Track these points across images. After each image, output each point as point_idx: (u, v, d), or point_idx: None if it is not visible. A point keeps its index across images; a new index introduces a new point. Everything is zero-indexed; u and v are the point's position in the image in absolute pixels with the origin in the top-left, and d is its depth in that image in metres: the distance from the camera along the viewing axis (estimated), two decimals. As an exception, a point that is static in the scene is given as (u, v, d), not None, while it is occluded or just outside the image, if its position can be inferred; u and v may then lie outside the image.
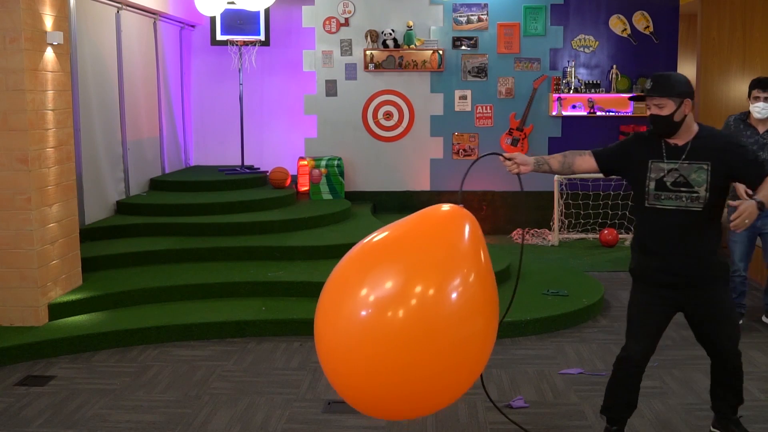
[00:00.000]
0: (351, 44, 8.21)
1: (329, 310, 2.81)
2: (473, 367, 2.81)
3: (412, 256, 2.77)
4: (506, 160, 3.42)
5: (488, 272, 2.87)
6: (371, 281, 2.73)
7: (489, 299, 2.81)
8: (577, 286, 5.78)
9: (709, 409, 3.88)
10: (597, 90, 8.16)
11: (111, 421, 3.81)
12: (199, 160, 9.18)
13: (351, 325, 2.67)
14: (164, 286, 5.43)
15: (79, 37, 6.27)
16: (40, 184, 4.89)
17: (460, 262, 2.78)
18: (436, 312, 2.63)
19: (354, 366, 2.72)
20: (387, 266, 2.76)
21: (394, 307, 2.62)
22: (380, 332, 2.61)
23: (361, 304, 2.67)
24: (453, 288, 2.68)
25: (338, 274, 2.90)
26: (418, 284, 2.66)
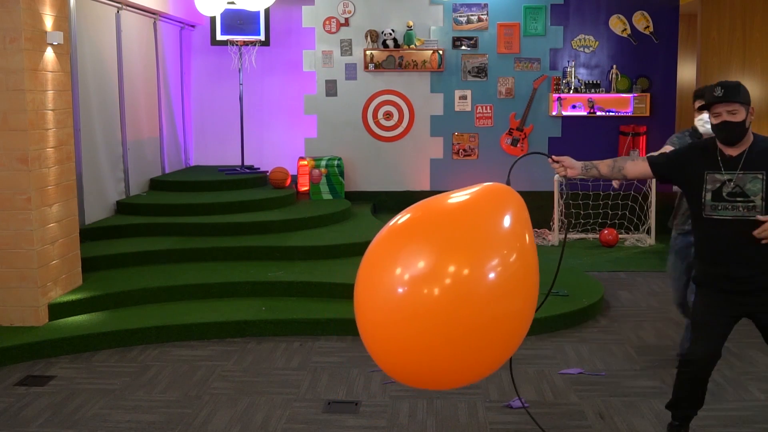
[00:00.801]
0: (351, 44, 8.21)
1: (369, 281, 2.79)
2: (508, 343, 2.83)
3: (453, 232, 2.75)
4: (554, 162, 3.43)
5: (531, 254, 2.89)
6: (409, 256, 2.71)
7: (529, 280, 2.83)
8: (577, 286, 5.78)
9: (709, 409, 3.88)
10: (597, 90, 8.16)
11: (111, 421, 3.81)
12: (199, 160, 9.18)
13: (390, 298, 2.68)
14: (164, 286, 5.43)
15: (79, 37, 6.27)
16: (40, 184, 4.89)
17: (503, 240, 2.82)
18: (474, 288, 2.65)
19: (393, 337, 2.72)
20: (427, 241, 2.74)
21: (432, 282, 2.62)
22: (418, 306, 2.62)
23: (399, 279, 2.66)
24: (492, 266, 2.70)
25: (382, 244, 2.83)
26: (457, 260, 2.67)
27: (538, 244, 7.76)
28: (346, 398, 4.07)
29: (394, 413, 3.87)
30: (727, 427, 3.68)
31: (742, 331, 5.05)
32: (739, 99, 3.19)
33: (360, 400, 4.03)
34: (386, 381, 4.27)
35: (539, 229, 8.22)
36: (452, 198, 2.94)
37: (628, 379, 4.22)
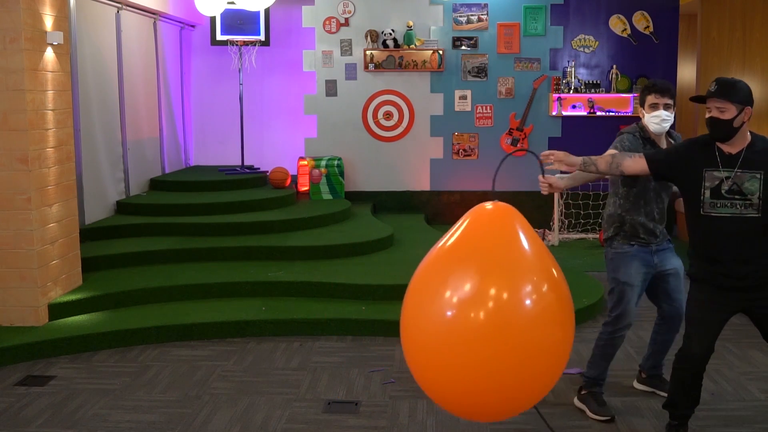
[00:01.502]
0: (351, 44, 8.21)
1: (414, 314, 2.94)
2: (550, 374, 2.92)
3: (487, 262, 2.87)
4: (544, 160, 3.47)
5: (562, 281, 3.04)
6: (451, 287, 2.83)
7: (565, 308, 2.96)
8: (577, 286, 5.77)
9: (709, 409, 3.88)
10: (597, 90, 8.16)
11: (111, 421, 3.81)
12: (199, 160, 9.18)
13: (435, 329, 2.81)
14: (164, 286, 5.43)
15: (79, 37, 6.27)
16: (40, 184, 4.89)
17: (532, 267, 2.94)
18: (514, 318, 2.77)
19: (438, 367, 2.86)
20: (463, 274, 2.86)
21: (475, 311, 2.75)
22: (461, 336, 2.74)
23: (445, 307, 2.79)
24: (528, 293, 2.83)
25: (419, 280, 3.00)
26: (496, 289, 2.80)
27: (538, 244, 7.78)
28: (346, 398, 4.07)
29: (394, 413, 3.87)
30: (727, 427, 3.68)
31: (742, 331, 5.06)
32: (730, 97, 3.16)
33: (360, 400, 4.03)
34: (386, 381, 4.27)
35: (539, 229, 8.22)
36: (463, 234, 3.02)
37: (628, 379, 4.22)
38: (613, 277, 3.83)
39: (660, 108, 3.71)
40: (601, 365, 3.84)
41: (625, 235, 3.78)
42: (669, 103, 3.71)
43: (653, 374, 4.08)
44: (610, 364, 3.86)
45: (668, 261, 3.84)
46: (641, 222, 3.73)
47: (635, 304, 3.81)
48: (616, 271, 3.80)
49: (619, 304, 3.79)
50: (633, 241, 3.76)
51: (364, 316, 5.09)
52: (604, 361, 3.84)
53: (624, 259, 3.77)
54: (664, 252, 3.83)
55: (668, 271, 3.83)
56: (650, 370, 4.09)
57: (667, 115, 3.72)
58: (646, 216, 3.74)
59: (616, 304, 3.80)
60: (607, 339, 3.83)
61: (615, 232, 3.81)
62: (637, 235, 3.75)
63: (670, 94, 3.72)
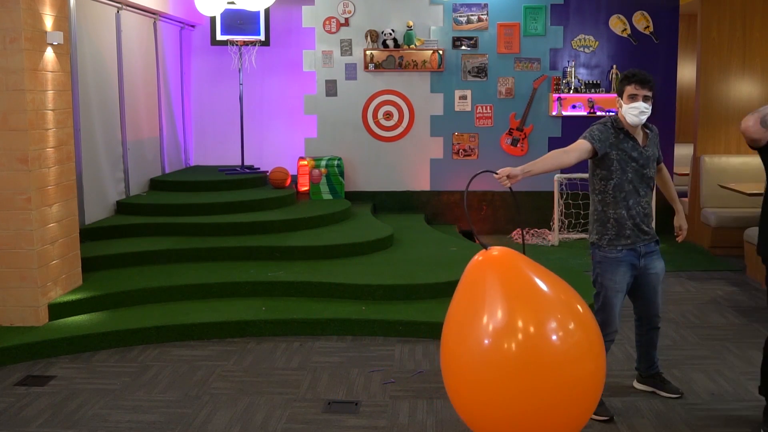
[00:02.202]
0: (351, 44, 8.21)
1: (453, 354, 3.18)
2: (585, 407, 3.12)
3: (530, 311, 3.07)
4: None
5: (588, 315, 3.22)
6: (493, 325, 3.04)
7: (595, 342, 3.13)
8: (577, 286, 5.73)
9: (709, 409, 3.89)
10: (597, 90, 8.16)
11: (111, 421, 3.81)
12: (199, 160, 9.18)
13: (473, 369, 3.06)
14: (164, 286, 5.43)
15: (79, 37, 6.27)
16: (40, 184, 4.89)
17: (559, 304, 3.15)
18: (553, 351, 2.99)
19: (477, 400, 3.11)
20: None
21: (511, 345, 2.98)
22: (503, 370, 2.98)
23: (482, 339, 3.03)
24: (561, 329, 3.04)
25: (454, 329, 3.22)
26: (535, 325, 3.02)
27: (538, 244, 7.79)
28: (346, 398, 4.07)
29: (394, 413, 3.87)
30: (727, 427, 3.68)
31: (742, 331, 5.07)
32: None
33: (360, 400, 4.03)
34: (386, 381, 4.27)
35: (539, 229, 8.22)
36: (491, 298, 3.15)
37: (628, 379, 4.22)
38: (599, 281, 3.82)
39: (639, 99, 3.63)
40: None
41: (610, 239, 3.75)
42: (648, 95, 3.66)
43: (652, 374, 4.08)
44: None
45: (653, 264, 3.82)
46: (624, 216, 3.71)
47: (620, 309, 3.81)
48: (603, 276, 3.79)
49: (603, 310, 3.80)
50: (620, 245, 3.74)
51: (364, 316, 5.09)
52: None
53: (611, 264, 3.76)
54: (651, 255, 3.81)
55: (650, 272, 3.83)
56: (647, 370, 4.09)
57: (646, 107, 3.64)
58: (627, 210, 3.72)
59: (601, 309, 3.81)
60: None
61: (599, 235, 3.79)
62: (623, 234, 3.73)
63: (650, 86, 3.67)
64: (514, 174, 3.50)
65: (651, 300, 3.89)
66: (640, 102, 3.63)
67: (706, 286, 6.24)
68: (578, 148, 3.70)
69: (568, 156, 3.67)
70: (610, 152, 3.70)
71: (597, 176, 3.78)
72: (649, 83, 3.66)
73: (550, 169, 3.70)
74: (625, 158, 3.70)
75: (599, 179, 3.77)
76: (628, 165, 3.71)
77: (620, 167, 3.70)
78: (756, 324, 5.24)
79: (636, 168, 3.72)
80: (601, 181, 3.76)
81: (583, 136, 3.75)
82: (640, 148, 3.73)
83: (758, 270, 6.28)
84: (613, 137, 3.71)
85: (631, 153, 3.71)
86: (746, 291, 6.08)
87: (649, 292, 3.87)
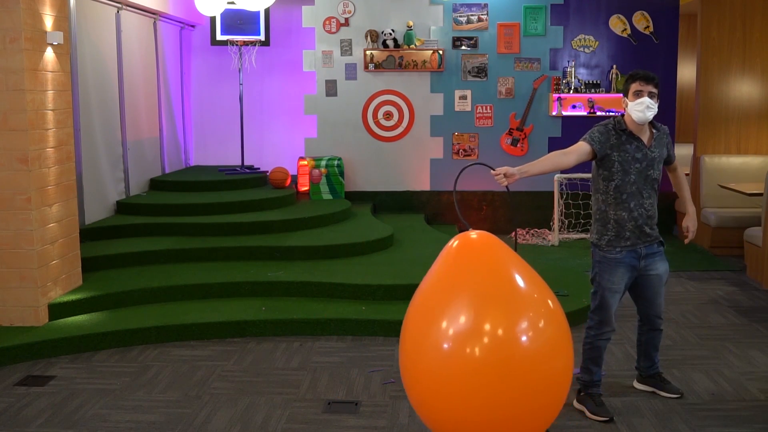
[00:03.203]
0: (351, 44, 8.21)
1: (413, 347, 3.07)
2: (553, 404, 3.05)
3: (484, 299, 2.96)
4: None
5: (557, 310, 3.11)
6: (452, 319, 2.93)
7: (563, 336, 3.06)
8: (577, 286, 5.78)
9: (709, 409, 3.89)
10: (597, 90, 8.16)
11: (111, 421, 3.81)
12: (199, 160, 9.18)
13: (435, 364, 2.93)
14: (164, 286, 5.43)
15: (79, 37, 6.27)
16: (40, 184, 4.89)
17: (533, 300, 3.01)
18: (514, 349, 2.88)
19: (440, 400, 2.98)
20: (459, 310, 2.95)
21: (475, 347, 2.86)
22: (462, 370, 2.87)
23: (443, 342, 2.91)
24: (526, 329, 2.92)
25: (415, 318, 3.13)
26: (496, 323, 2.89)
27: (538, 244, 7.79)
28: (346, 398, 4.07)
29: (394, 413, 3.87)
30: (727, 427, 3.68)
31: (743, 331, 5.07)
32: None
33: (360, 400, 4.03)
34: (386, 381, 4.27)
35: (539, 229, 8.22)
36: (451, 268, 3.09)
37: (628, 379, 4.22)
38: (597, 280, 3.81)
39: (644, 95, 3.63)
40: (592, 369, 3.84)
41: (610, 240, 3.75)
42: (653, 92, 3.66)
43: (651, 374, 4.08)
44: (601, 365, 3.86)
45: (654, 265, 3.80)
46: (624, 218, 3.70)
47: (616, 308, 3.80)
48: (600, 275, 3.79)
49: (600, 310, 3.79)
50: (619, 246, 3.73)
51: (364, 316, 5.09)
52: (594, 365, 3.83)
53: (610, 264, 3.75)
54: (653, 256, 3.79)
55: (651, 273, 3.81)
56: (647, 370, 4.08)
57: (652, 103, 3.63)
58: (629, 212, 3.71)
59: (597, 309, 3.81)
60: (591, 343, 3.83)
61: (599, 236, 3.79)
62: (623, 235, 3.71)
63: (655, 83, 3.67)
64: (511, 173, 3.51)
65: (652, 301, 3.89)
66: (645, 97, 3.62)
67: (706, 286, 6.24)
68: (578, 149, 3.70)
69: (567, 158, 3.68)
70: (610, 154, 3.70)
71: (600, 176, 3.78)
72: (653, 80, 3.67)
73: (549, 170, 3.70)
74: (627, 159, 3.68)
75: (602, 179, 3.76)
76: (631, 166, 3.69)
77: (622, 169, 3.69)
78: (756, 324, 5.24)
79: (639, 170, 3.70)
80: (603, 181, 3.76)
81: (584, 138, 3.75)
82: (645, 149, 3.71)
83: (758, 270, 6.28)
84: (614, 138, 3.70)
85: (634, 154, 3.69)
86: (746, 291, 6.08)
87: (649, 293, 3.86)
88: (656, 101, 3.67)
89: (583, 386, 3.86)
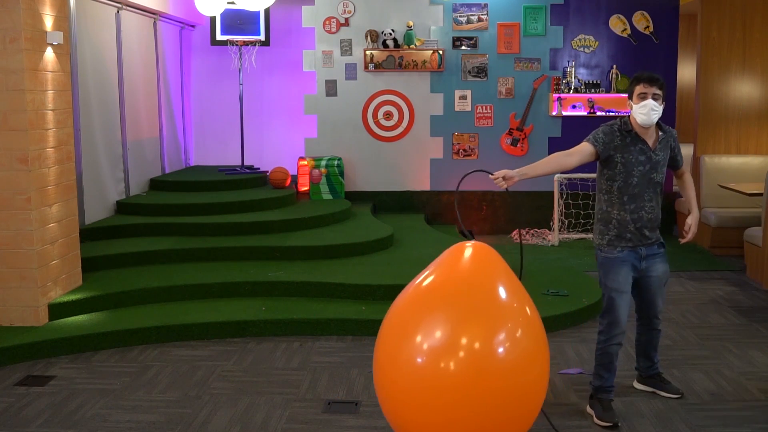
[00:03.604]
0: (351, 44, 8.21)
1: (387, 360, 3.10)
2: (528, 411, 3.08)
3: (464, 311, 2.99)
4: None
5: (537, 320, 3.13)
6: (426, 333, 2.96)
7: (540, 347, 3.08)
8: (577, 286, 5.78)
9: (709, 409, 3.89)
10: (597, 90, 8.16)
11: (111, 421, 3.81)
12: (199, 160, 9.18)
13: (410, 375, 2.95)
14: (164, 286, 5.43)
15: (79, 37, 6.27)
16: (40, 184, 4.89)
17: (510, 311, 3.04)
18: (491, 362, 2.91)
19: (414, 409, 3.01)
20: (439, 319, 2.99)
21: (448, 358, 2.88)
22: (436, 381, 2.89)
23: (418, 354, 2.93)
24: (503, 340, 2.95)
25: (391, 325, 3.18)
26: (471, 336, 2.92)
27: (538, 244, 7.79)
28: (346, 398, 4.07)
29: (394, 413, 3.87)
30: (727, 427, 3.68)
31: (742, 331, 5.07)
32: None
33: (360, 400, 4.03)
34: None
35: (539, 229, 8.22)
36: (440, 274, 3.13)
37: (628, 379, 4.21)
38: (603, 283, 3.80)
39: (648, 98, 3.60)
40: (603, 375, 3.79)
41: (611, 239, 3.74)
42: (658, 94, 3.63)
43: (651, 374, 4.07)
44: (614, 372, 3.80)
45: (655, 267, 3.79)
46: (626, 219, 3.69)
47: (626, 310, 3.76)
48: (606, 277, 3.77)
49: (609, 312, 3.77)
50: (620, 246, 3.72)
51: (364, 316, 5.09)
52: (605, 371, 3.79)
53: (613, 264, 3.74)
54: (653, 257, 3.78)
55: (651, 275, 3.79)
56: (647, 371, 4.08)
57: (656, 106, 3.60)
58: (630, 213, 3.69)
59: (606, 311, 3.79)
60: (602, 348, 3.80)
61: (601, 236, 3.78)
62: (624, 236, 3.70)
63: (659, 85, 3.64)
64: (509, 176, 3.50)
65: (651, 302, 3.88)
66: (649, 100, 3.60)
67: (706, 286, 6.24)
68: (580, 151, 3.70)
69: (568, 159, 3.68)
70: (613, 155, 3.68)
71: (604, 176, 3.77)
72: (657, 81, 3.64)
73: (550, 172, 3.70)
74: (631, 161, 3.67)
75: (605, 179, 3.76)
76: (634, 168, 3.67)
77: (625, 170, 3.67)
78: (756, 324, 5.24)
79: (643, 172, 3.68)
80: (607, 181, 3.75)
81: (587, 138, 3.75)
82: (650, 151, 3.69)
83: (758, 270, 6.28)
84: (619, 140, 3.69)
85: (638, 156, 3.67)
86: (746, 291, 6.08)
87: (648, 294, 3.85)
88: (661, 103, 3.65)
89: (594, 391, 3.83)
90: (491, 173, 3.52)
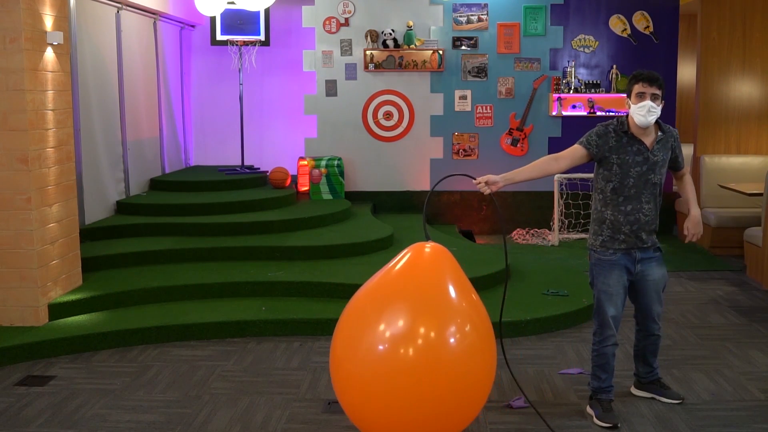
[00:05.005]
0: (351, 44, 8.21)
1: (343, 352, 3.30)
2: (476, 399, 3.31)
3: (415, 308, 3.20)
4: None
5: (483, 314, 3.35)
6: (384, 324, 3.18)
7: (486, 337, 3.30)
8: (577, 286, 5.78)
9: (709, 409, 3.89)
10: (597, 90, 8.16)
11: (111, 421, 3.81)
12: (199, 160, 9.18)
13: (365, 366, 3.17)
14: (164, 286, 5.43)
15: (79, 37, 6.27)
16: (40, 184, 4.89)
17: (458, 307, 3.25)
18: (441, 352, 3.13)
19: (369, 398, 3.22)
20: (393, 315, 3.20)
21: (405, 347, 3.11)
22: (391, 370, 3.10)
23: (375, 346, 3.15)
24: (452, 333, 3.18)
25: (346, 325, 3.35)
26: (424, 329, 3.15)
27: (538, 244, 7.79)
28: (346, 398, 4.06)
29: (394, 413, 3.87)
30: (727, 427, 3.68)
31: (742, 331, 5.07)
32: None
33: (360, 400, 4.03)
34: None
35: (539, 229, 8.22)
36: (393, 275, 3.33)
37: (628, 379, 4.21)
38: (593, 284, 3.78)
39: (647, 98, 3.53)
40: (600, 376, 3.78)
41: (604, 240, 3.70)
42: (657, 94, 3.57)
43: (650, 380, 4.01)
44: (611, 373, 3.78)
45: (650, 270, 3.74)
46: (620, 221, 3.63)
47: (619, 312, 3.72)
48: (597, 279, 3.74)
49: (597, 314, 3.76)
50: (613, 248, 3.67)
51: (364, 316, 5.08)
52: (602, 372, 3.77)
53: (605, 266, 3.70)
54: (648, 261, 3.73)
55: (647, 279, 3.75)
56: (645, 376, 4.01)
57: (653, 107, 3.54)
58: (626, 215, 3.64)
59: (595, 312, 3.78)
60: (597, 350, 3.78)
61: (594, 236, 3.74)
62: (617, 237, 3.65)
63: (658, 84, 3.58)
64: (493, 181, 3.49)
65: (647, 306, 3.81)
66: (647, 101, 3.53)
67: (706, 286, 6.24)
68: (571, 154, 3.67)
69: (557, 164, 3.66)
70: (609, 156, 3.64)
71: (600, 175, 3.73)
72: (656, 81, 3.57)
73: (537, 176, 3.68)
74: (627, 162, 3.62)
75: (601, 178, 3.72)
76: (631, 169, 3.62)
77: (621, 171, 3.62)
78: (756, 324, 5.24)
79: (639, 173, 3.62)
80: (602, 180, 3.70)
81: (580, 141, 3.71)
82: (647, 152, 3.63)
83: (758, 270, 6.28)
84: (614, 141, 3.65)
85: (634, 157, 3.62)
86: (746, 291, 6.08)
87: (645, 298, 3.80)
88: (660, 103, 3.59)
89: (593, 392, 3.82)
90: (474, 178, 3.50)
